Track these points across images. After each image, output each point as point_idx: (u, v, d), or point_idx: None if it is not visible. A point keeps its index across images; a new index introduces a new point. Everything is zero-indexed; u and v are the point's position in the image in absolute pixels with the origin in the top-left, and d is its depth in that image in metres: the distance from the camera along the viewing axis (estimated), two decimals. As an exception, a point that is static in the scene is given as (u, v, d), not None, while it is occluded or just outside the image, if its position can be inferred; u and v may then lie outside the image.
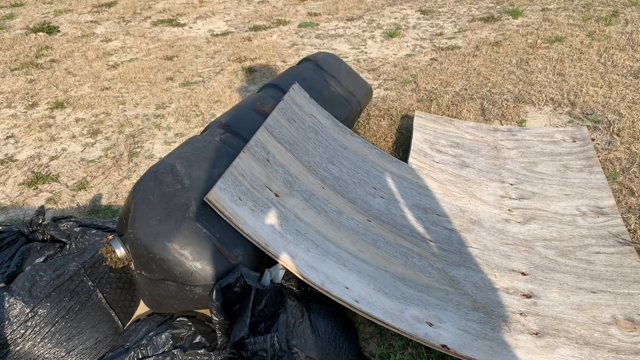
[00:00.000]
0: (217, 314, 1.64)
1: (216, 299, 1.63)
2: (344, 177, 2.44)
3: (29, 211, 2.87)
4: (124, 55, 5.20)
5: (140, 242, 1.73)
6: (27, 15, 6.81)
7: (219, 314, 1.64)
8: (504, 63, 4.21)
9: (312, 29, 5.54)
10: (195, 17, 6.31)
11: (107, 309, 1.94)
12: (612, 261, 2.11)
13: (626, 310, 1.86)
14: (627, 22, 4.74)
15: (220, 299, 1.64)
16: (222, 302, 1.65)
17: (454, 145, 3.00)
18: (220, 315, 1.64)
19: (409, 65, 4.39)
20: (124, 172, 3.19)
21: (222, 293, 1.65)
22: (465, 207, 2.50)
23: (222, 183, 1.88)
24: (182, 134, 3.56)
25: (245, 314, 1.65)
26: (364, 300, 1.76)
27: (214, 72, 4.60)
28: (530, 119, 3.39)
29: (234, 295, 1.69)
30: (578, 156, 2.83)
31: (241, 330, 1.62)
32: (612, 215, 2.36)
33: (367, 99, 3.28)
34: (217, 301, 1.63)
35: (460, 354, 1.66)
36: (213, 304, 1.63)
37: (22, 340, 1.77)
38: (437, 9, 5.81)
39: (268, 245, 1.78)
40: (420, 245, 2.19)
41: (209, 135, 2.23)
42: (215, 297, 1.63)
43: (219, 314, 1.64)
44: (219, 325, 1.65)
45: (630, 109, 3.29)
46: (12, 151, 3.52)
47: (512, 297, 1.96)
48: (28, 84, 4.62)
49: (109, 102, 4.13)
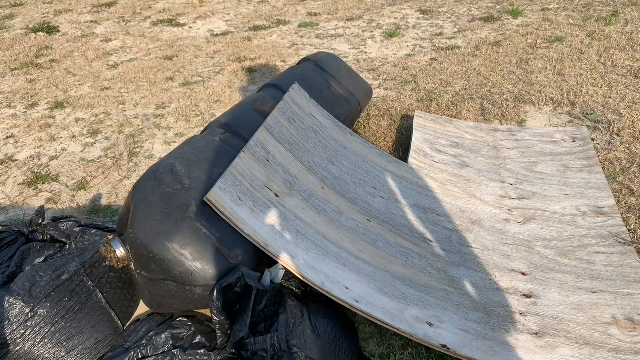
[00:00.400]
0: (217, 313, 1.64)
1: (217, 298, 1.63)
2: (344, 177, 2.44)
3: (29, 211, 2.87)
4: (124, 55, 5.20)
5: (140, 242, 1.73)
6: (27, 15, 6.81)
7: (219, 314, 1.64)
8: (504, 63, 4.21)
9: (312, 29, 5.54)
10: (195, 17, 6.31)
11: (107, 309, 1.94)
12: (612, 261, 2.11)
13: (626, 310, 1.87)
14: (627, 22, 4.74)
15: (221, 299, 1.64)
16: (222, 302, 1.65)
17: (454, 145, 3.00)
18: (221, 315, 1.64)
19: (409, 65, 4.39)
20: (124, 172, 3.19)
21: (223, 293, 1.65)
22: (465, 207, 2.50)
23: (222, 183, 1.88)
24: (182, 134, 3.56)
25: (245, 314, 1.65)
26: (364, 300, 1.76)
27: (214, 72, 4.60)
28: (530, 119, 3.39)
29: (235, 295, 1.69)
30: (578, 156, 2.83)
31: (241, 330, 1.62)
32: (612, 215, 2.36)
33: (367, 99, 3.28)
34: (218, 301, 1.63)
35: (460, 354, 1.66)
36: (214, 304, 1.63)
37: (22, 340, 1.77)
38: (437, 9, 5.81)
39: (268, 245, 1.78)
40: (420, 245, 2.19)
41: (209, 135, 2.23)
42: (215, 297, 1.63)
43: (220, 313, 1.64)
44: (219, 325, 1.65)
45: (630, 109, 3.29)
46: (12, 151, 3.52)
47: (512, 297, 1.96)
48: (28, 84, 4.62)
49: (109, 102, 4.13)
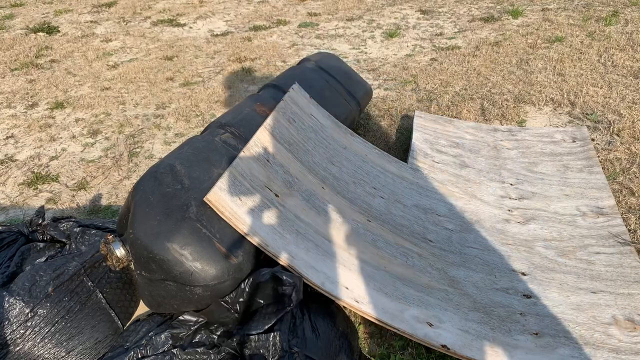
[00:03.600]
0: (241, 301, 1.66)
1: (251, 286, 1.66)
2: (344, 177, 2.44)
3: (29, 211, 2.87)
4: (124, 56, 5.20)
5: (140, 242, 1.73)
6: (27, 15, 6.81)
7: (240, 301, 1.66)
8: (504, 63, 4.21)
9: (312, 29, 5.54)
10: (195, 17, 6.31)
11: (107, 309, 1.94)
12: (612, 261, 2.11)
13: (626, 310, 1.86)
14: (627, 22, 4.74)
15: (253, 289, 1.67)
16: (252, 294, 1.67)
17: (454, 145, 3.00)
18: (241, 304, 1.66)
19: (409, 65, 4.38)
20: (123, 172, 3.19)
21: (259, 286, 1.67)
22: (465, 207, 2.50)
23: (222, 183, 1.88)
24: (182, 134, 3.56)
25: (269, 318, 1.64)
26: (364, 300, 1.75)
27: (214, 72, 4.60)
28: (530, 119, 3.39)
29: (267, 292, 1.70)
30: (578, 156, 2.83)
31: (256, 329, 1.62)
32: (612, 215, 2.36)
33: (367, 99, 3.28)
34: (251, 288, 1.66)
35: (460, 354, 1.66)
36: (245, 290, 1.65)
37: (22, 340, 1.77)
38: (437, 9, 5.80)
39: (268, 246, 1.78)
40: (420, 245, 2.19)
41: (209, 135, 2.23)
42: (250, 284, 1.67)
43: (243, 302, 1.66)
44: (234, 313, 1.66)
45: (630, 109, 3.29)
46: (12, 151, 3.52)
47: (512, 297, 1.96)
48: (28, 84, 4.62)
49: (109, 102, 4.13)
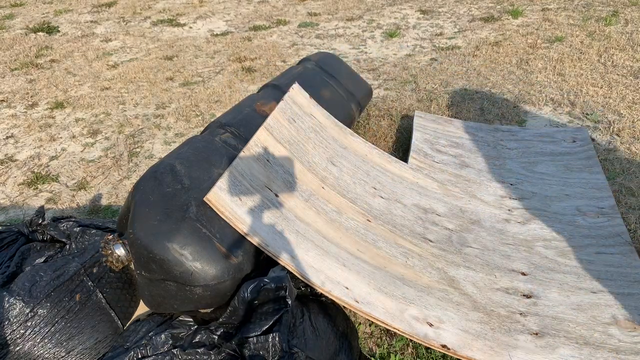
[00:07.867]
0: (241, 306, 1.66)
1: (251, 291, 1.66)
2: (344, 177, 2.44)
3: (29, 211, 2.87)
4: (123, 55, 5.20)
5: (140, 242, 1.73)
6: (27, 15, 6.81)
7: (241, 306, 1.66)
8: (504, 63, 4.20)
9: (312, 29, 5.54)
10: (195, 17, 6.31)
11: (107, 309, 1.94)
12: (612, 261, 2.11)
13: (626, 310, 1.86)
14: (627, 22, 4.74)
15: (254, 294, 1.66)
16: (252, 299, 1.67)
17: (454, 145, 3.00)
18: (241, 308, 1.66)
19: (409, 65, 4.38)
20: (123, 172, 3.19)
21: (257, 291, 1.67)
22: (465, 207, 2.50)
23: (222, 183, 1.88)
24: (182, 134, 3.56)
25: (266, 320, 1.64)
26: (364, 300, 1.76)
27: (214, 72, 4.60)
28: (530, 119, 3.39)
29: (265, 297, 1.70)
30: (578, 156, 2.82)
31: (254, 331, 1.61)
32: (612, 215, 2.36)
33: (367, 99, 3.28)
34: (251, 294, 1.66)
35: (460, 354, 1.66)
36: (245, 295, 1.65)
37: (22, 340, 1.77)
38: (437, 9, 5.80)
39: (268, 245, 1.78)
40: (420, 245, 2.19)
41: (209, 135, 2.23)
42: (250, 290, 1.66)
43: (242, 306, 1.66)
44: (234, 317, 1.66)
45: (630, 109, 3.29)
46: (12, 151, 3.52)
47: (512, 297, 1.96)
48: (28, 84, 4.62)
49: (109, 102, 4.13)
